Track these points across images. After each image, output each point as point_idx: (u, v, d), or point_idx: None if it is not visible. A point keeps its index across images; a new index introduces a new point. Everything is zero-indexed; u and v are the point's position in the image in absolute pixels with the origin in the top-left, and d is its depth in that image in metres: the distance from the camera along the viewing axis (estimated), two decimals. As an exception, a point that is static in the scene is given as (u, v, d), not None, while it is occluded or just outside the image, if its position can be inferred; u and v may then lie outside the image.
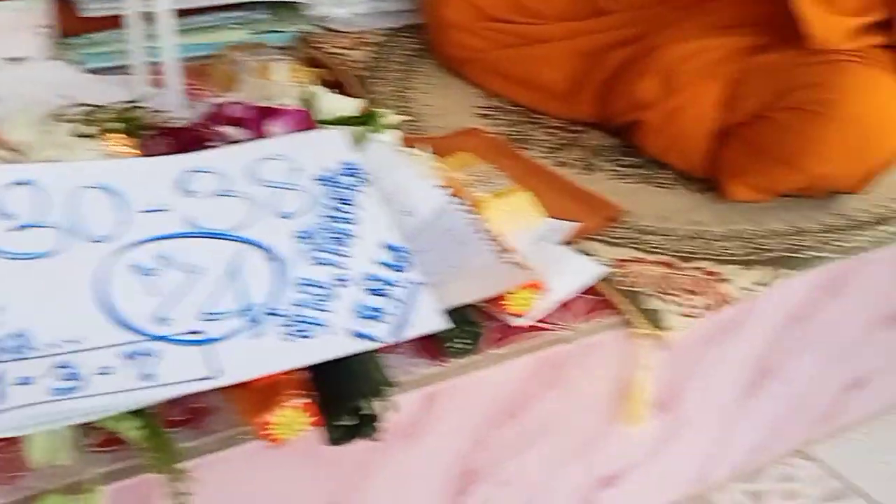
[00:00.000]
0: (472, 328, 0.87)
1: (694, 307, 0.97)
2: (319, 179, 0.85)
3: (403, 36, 1.51)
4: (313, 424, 0.72)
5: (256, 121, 0.92)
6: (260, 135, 0.90)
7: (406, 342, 0.86)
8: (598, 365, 0.96)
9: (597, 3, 1.34)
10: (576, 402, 0.97)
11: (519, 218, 1.01)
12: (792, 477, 1.17)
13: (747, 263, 1.03)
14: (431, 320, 0.78)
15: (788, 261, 1.04)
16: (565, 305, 0.95)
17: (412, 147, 1.02)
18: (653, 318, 0.95)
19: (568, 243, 1.02)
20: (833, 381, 1.19)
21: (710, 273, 1.01)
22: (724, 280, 1.01)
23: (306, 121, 0.92)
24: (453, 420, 0.89)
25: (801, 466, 1.18)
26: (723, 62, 1.16)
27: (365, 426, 0.74)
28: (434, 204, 0.94)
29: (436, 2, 1.40)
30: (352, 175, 0.86)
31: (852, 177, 1.11)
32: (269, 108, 0.93)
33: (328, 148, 0.88)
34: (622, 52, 1.26)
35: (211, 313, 0.74)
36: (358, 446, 0.77)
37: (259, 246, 0.79)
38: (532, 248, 0.97)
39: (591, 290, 0.97)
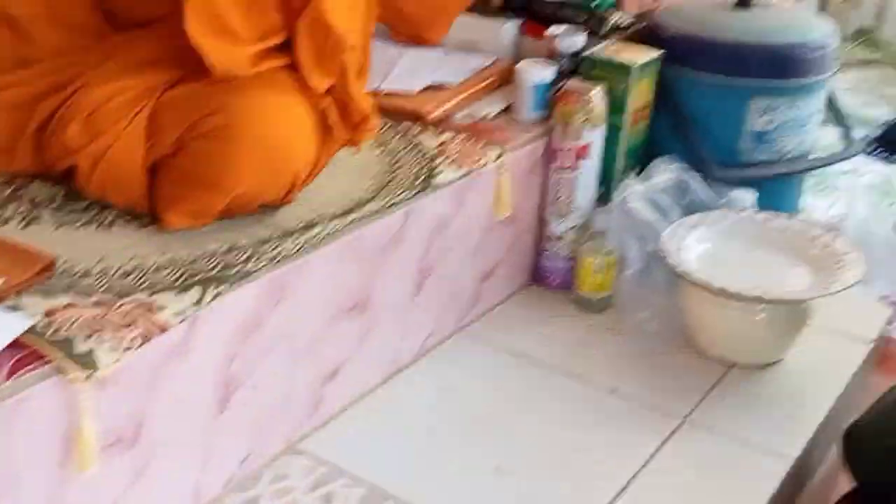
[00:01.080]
0: None
1: (127, 341, 0.99)
2: None
3: None
4: None
5: None
6: None
7: None
8: (36, 420, 0.94)
9: (19, 53, 1.31)
10: (17, 461, 0.95)
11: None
12: (284, 475, 1.24)
13: (182, 288, 1.08)
14: None
15: (223, 278, 1.11)
16: (-11, 367, 0.93)
17: None
18: (84, 360, 0.96)
19: (-2, 302, 1.00)
20: (307, 376, 1.28)
21: (144, 304, 1.05)
22: (157, 309, 1.04)
23: None
24: None
25: (291, 464, 1.26)
26: (142, 98, 1.20)
27: None
28: None
29: None
30: None
31: (273, 191, 1.21)
32: None
33: None
34: (51, 100, 1.25)
35: None
36: None
37: None
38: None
39: (17, 345, 0.96)
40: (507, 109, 1.62)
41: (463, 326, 1.56)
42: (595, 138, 1.56)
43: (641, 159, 1.69)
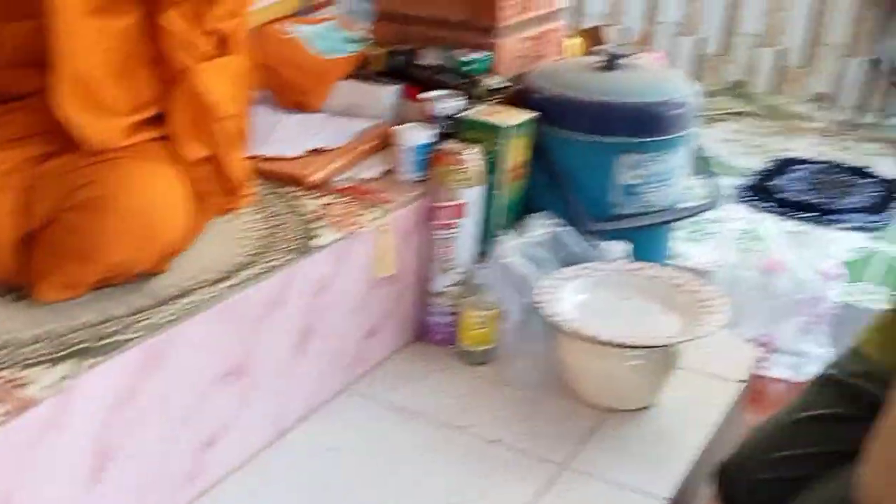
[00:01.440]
0: None
1: (-7, 417, 0.99)
2: None
3: None
4: None
5: None
6: None
7: None
8: None
9: None
10: None
11: None
12: (166, 544, 1.24)
13: (54, 361, 1.08)
14: None
15: (97, 349, 1.11)
16: None
17: None
18: (-51, 439, 0.95)
19: None
20: (186, 443, 1.28)
21: (12, 380, 1.04)
22: (26, 384, 1.04)
23: None
24: None
25: (173, 532, 1.26)
26: (13, 172, 1.21)
27: None
28: None
29: None
30: None
31: (148, 260, 1.22)
32: None
33: None
34: (-78, 176, 1.25)
35: None
36: None
37: None
38: None
39: None
40: (388, 172, 1.67)
41: (348, 385, 1.58)
42: (472, 197, 1.61)
43: (520, 215, 1.75)
